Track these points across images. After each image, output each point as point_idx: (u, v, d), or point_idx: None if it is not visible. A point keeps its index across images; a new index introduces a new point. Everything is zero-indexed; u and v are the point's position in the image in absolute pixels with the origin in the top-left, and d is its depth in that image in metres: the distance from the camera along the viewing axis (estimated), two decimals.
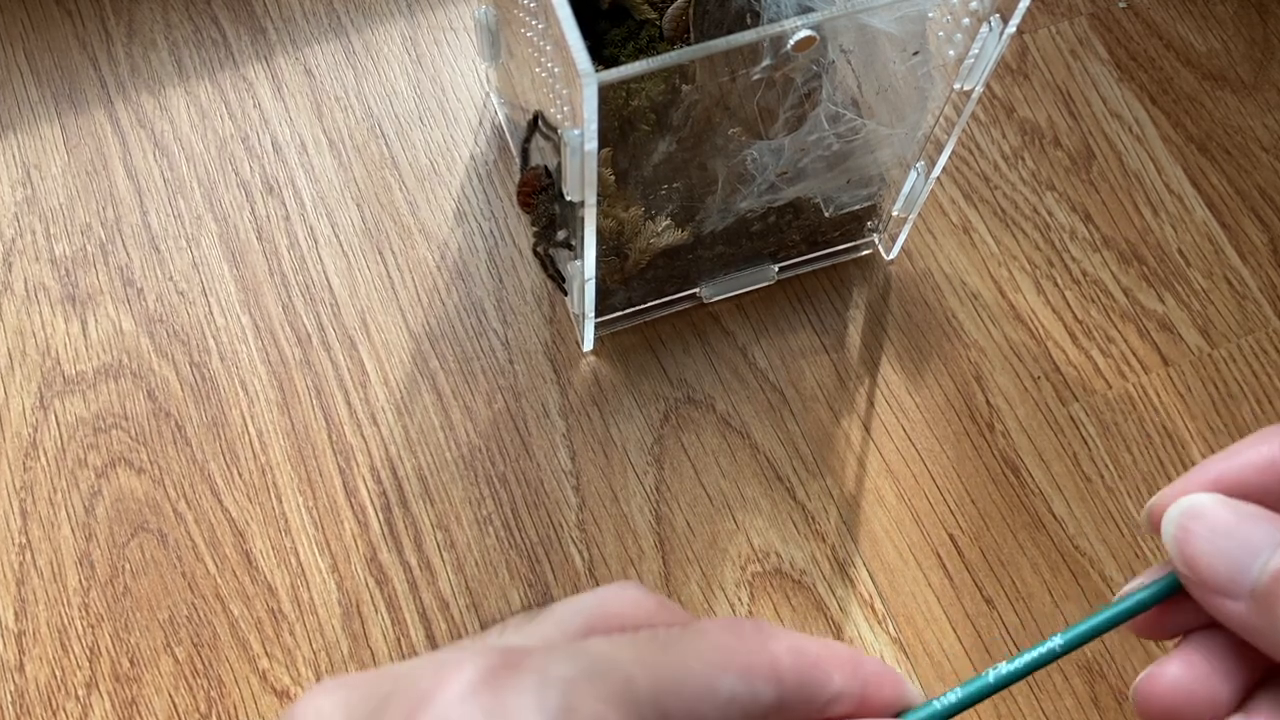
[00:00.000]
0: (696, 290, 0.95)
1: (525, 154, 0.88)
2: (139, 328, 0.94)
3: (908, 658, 0.87)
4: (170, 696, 0.84)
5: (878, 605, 0.88)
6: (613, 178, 0.78)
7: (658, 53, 0.70)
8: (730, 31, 0.70)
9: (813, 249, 0.96)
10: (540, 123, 0.85)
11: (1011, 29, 0.73)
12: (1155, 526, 0.38)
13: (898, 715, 0.36)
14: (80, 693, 0.84)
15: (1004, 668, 0.38)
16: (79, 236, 0.97)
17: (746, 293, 0.97)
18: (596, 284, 0.85)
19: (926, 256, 0.99)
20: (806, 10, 0.71)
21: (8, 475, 0.89)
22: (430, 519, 0.89)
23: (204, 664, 0.85)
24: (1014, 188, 1.02)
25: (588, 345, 0.94)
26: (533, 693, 0.29)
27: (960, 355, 0.96)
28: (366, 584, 0.87)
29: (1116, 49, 1.08)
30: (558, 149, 0.77)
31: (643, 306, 0.94)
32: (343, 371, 0.93)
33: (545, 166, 0.86)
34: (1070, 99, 1.06)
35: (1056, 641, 0.38)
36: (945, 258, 0.99)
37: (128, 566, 0.87)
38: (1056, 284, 0.99)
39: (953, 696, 0.37)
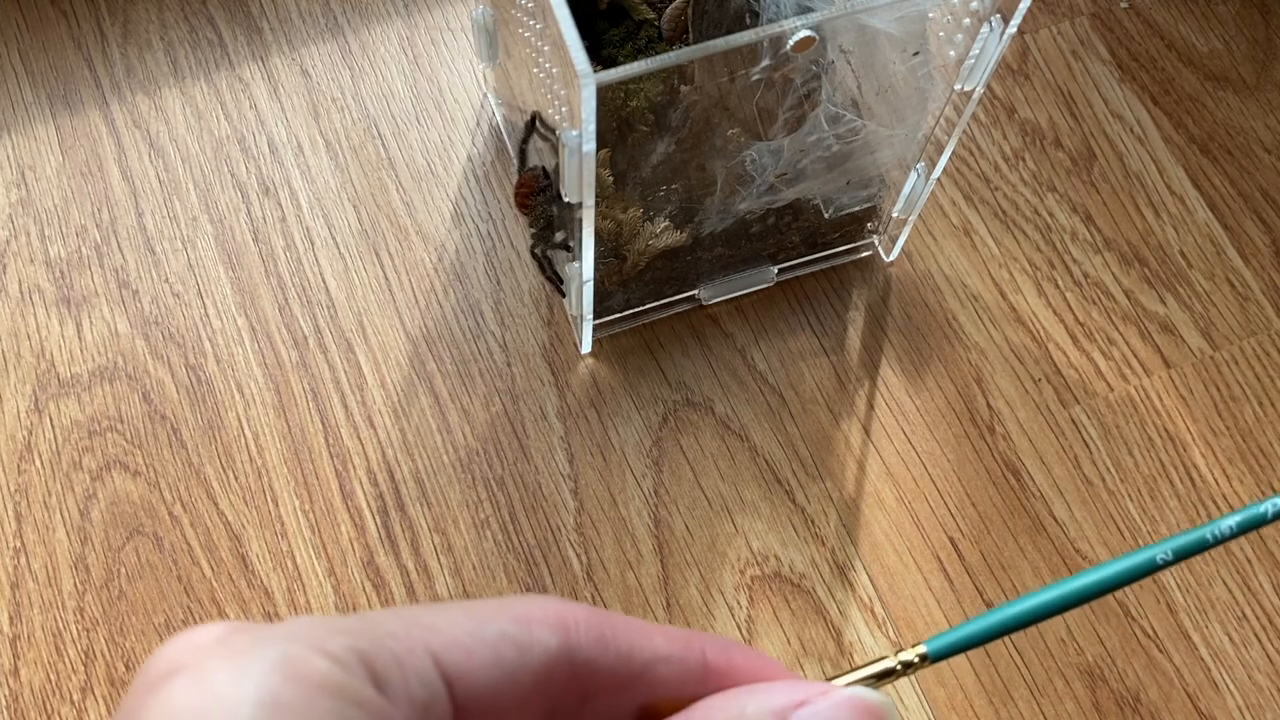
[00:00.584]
0: (695, 292, 0.95)
1: (523, 155, 0.88)
2: (134, 330, 0.94)
3: None
4: None
5: (878, 609, 0.88)
6: (611, 179, 0.78)
7: (656, 53, 0.70)
8: (729, 32, 0.70)
9: (812, 251, 0.96)
10: (538, 123, 0.85)
11: (1012, 29, 0.73)
12: None
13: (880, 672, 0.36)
14: (75, 697, 0.84)
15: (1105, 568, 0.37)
16: (74, 238, 0.97)
17: (746, 294, 0.97)
18: (595, 286, 0.85)
19: (927, 258, 0.99)
20: (806, 10, 0.71)
21: (2, 479, 0.89)
22: (427, 522, 0.89)
23: None
24: (1015, 189, 1.02)
25: (586, 347, 0.94)
26: (262, 644, 0.28)
27: (961, 357, 0.96)
28: (363, 587, 0.87)
29: (1118, 49, 1.08)
30: (555, 150, 0.77)
31: (641, 308, 0.94)
32: (339, 374, 0.93)
33: (543, 168, 0.86)
34: (1071, 100, 1.06)
35: (1162, 550, 0.37)
36: (946, 259, 0.99)
37: (123, 570, 0.87)
38: (1057, 286, 0.99)
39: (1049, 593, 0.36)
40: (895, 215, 0.93)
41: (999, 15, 0.73)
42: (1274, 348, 0.97)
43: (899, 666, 0.36)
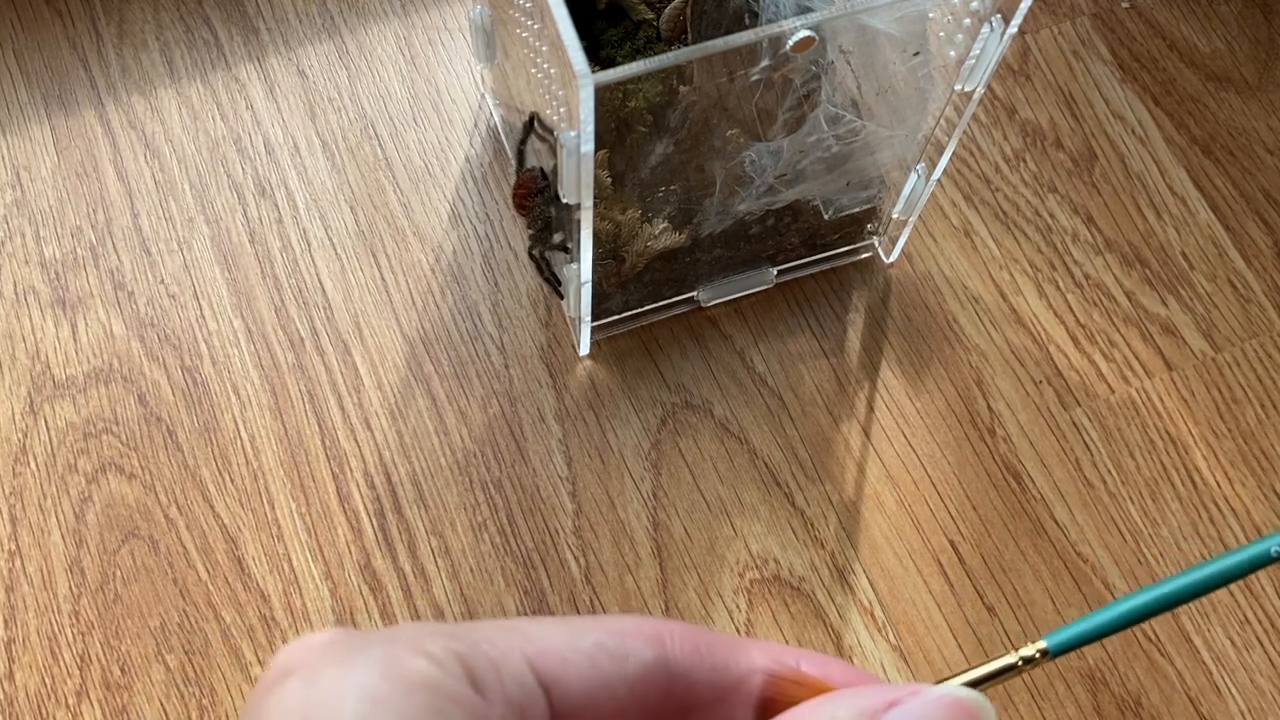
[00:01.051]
0: (694, 294, 0.95)
1: (521, 156, 0.88)
2: (130, 331, 0.94)
3: (908, 665, 0.87)
4: (161, 705, 0.84)
5: (877, 613, 0.88)
6: (609, 180, 0.78)
7: (655, 53, 0.70)
8: (728, 32, 0.70)
9: (812, 252, 0.96)
10: (536, 124, 0.85)
11: (1013, 29, 0.73)
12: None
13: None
14: (70, 701, 0.84)
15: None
16: (69, 239, 0.97)
17: (745, 296, 0.97)
18: (593, 287, 0.85)
19: (927, 259, 0.99)
20: (805, 10, 0.72)
21: None
22: (424, 525, 0.89)
23: (195, 672, 0.85)
24: (1015, 190, 1.02)
25: (584, 349, 0.94)
26: (366, 646, 0.30)
27: (961, 359, 0.96)
28: (360, 591, 0.87)
29: (1119, 50, 1.08)
30: (554, 151, 0.77)
31: (640, 310, 0.94)
32: (336, 376, 0.93)
33: (541, 169, 0.86)
34: (1072, 100, 1.06)
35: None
36: (946, 261, 0.99)
37: (118, 573, 0.87)
38: (1058, 287, 0.99)
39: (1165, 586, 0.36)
40: (895, 216, 0.93)
41: (999, 15, 0.73)
42: (1276, 350, 0.97)
43: (1019, 663, 0.36)
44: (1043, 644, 0.36)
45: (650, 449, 0.92)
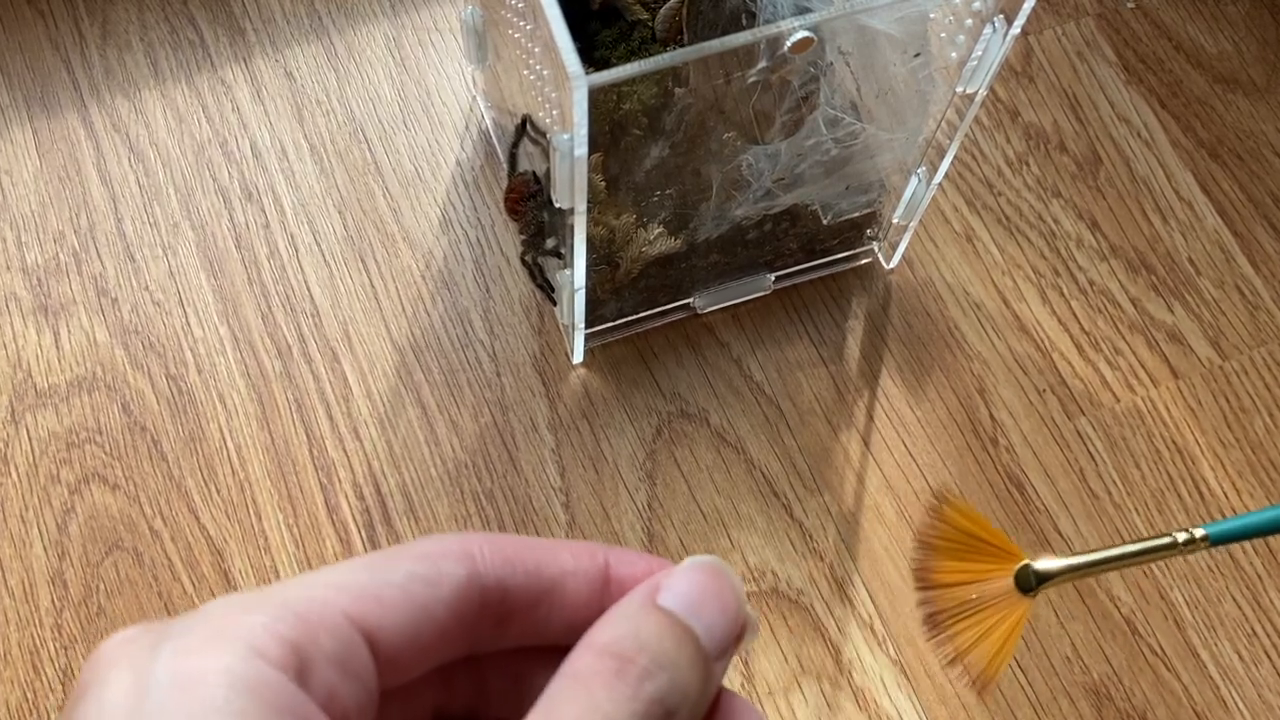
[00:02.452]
0: (690, 300, 0.95)
1: (513, 159, 0.88)
2: (113, 339, 0.94)
3: (909, 680, 0.87)
4: None
5: (878, 626, 0.89)
6: (603, 184, 0.78)
7: (650, 55, 0.70)
8: (725, 33, 0.70)
9: (810, 257, 0.96)
10: (528, 127, 0.85)
11: (1016, 30, 0.73)
12: None
13: None
14: (53, 717, 0.84)
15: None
16: (51, 244, 0.97)
17: (742, 303, 0.97)
18: (586, 294, 0.86)
19: (928, 265, 0.99)
20: (804, 10, 0.72)
21: None
22: (415, 537, 0.89)
23: None
24: (1018, 194, 1.02)
25: (577, 357, 0.94)
26: (210, 645, 0.30)
27: (963, 367, 0.96)
28: None
29: (1124, 51, 1.08)
30: (546, 154, 0.78)
31: (634, 317, 0.94)
32: (324, 384, 0.94)
33: (534, 172, 0.86)
34: (1077, 103, 1.06)
35: None
36: (947, 266, 0.99)
37: (102, 586, 0.87)
38: (1062, 294, 0.99)
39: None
40: (896, 221, 0.94)
41: (1002, 16, 0.73)
42: None
43: (1179, 541, 0.37)
44: (1202, 530, 0.37)
45: (645, 459, 0.93)
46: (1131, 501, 0.93)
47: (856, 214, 0.92)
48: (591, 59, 0.81)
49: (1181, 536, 0.37)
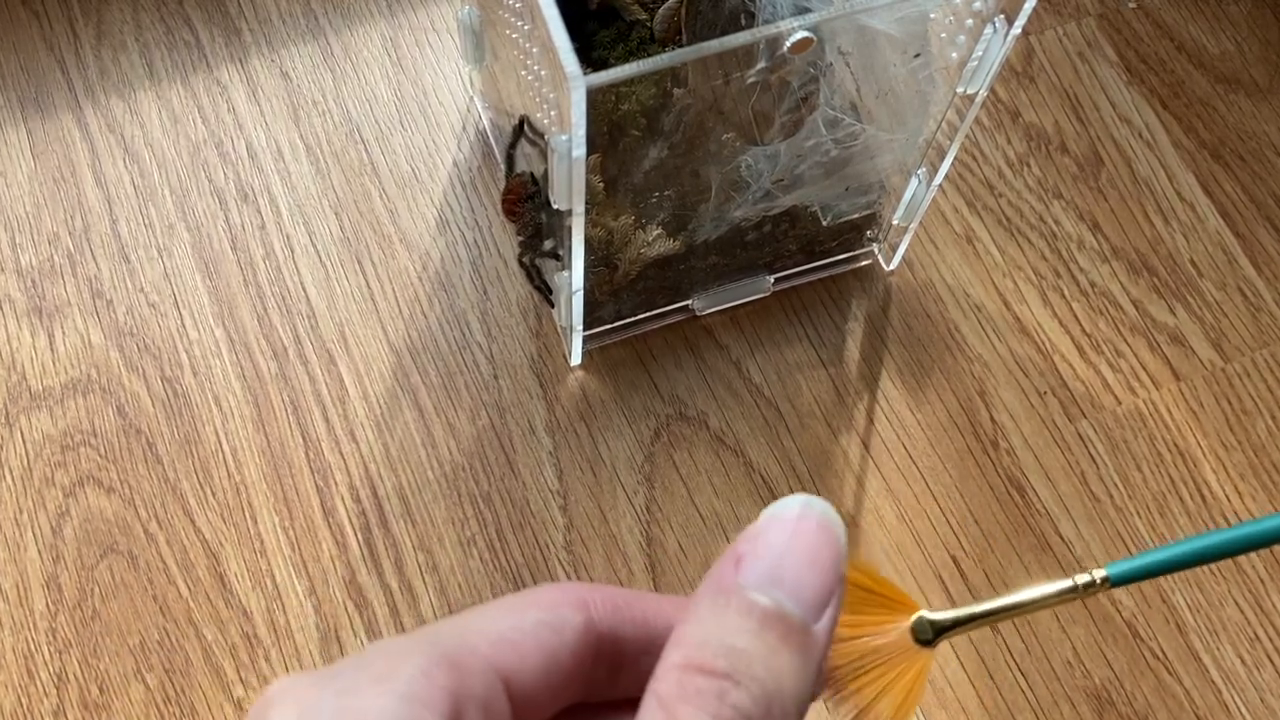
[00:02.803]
0: (689, 302, 0.95)
1: (510, 160, 0.88)
2: (108, 341, 0.94)
3: None
4: None
5: None
6: (601, 185, 0.78)
7: (649, 55, 0.70)
8: (724, 33, 0.71)
9: (810, 259, 0.96)
10: (526, 128, 0.85)
11: (1016, 30, 0.73)
12: None
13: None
14: None
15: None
16: (46, 246, 0.97)
17: (741, 305, 0.97)
18: (585, 296, 0.86)
19: (928, 267, 0.99)
20: (803, 10, 0.72)
21: None
22: (411, 540, 0.90)
23: (176, 691, 0.85)
24: (1019, 195, 1.02)
25: (575, 359, 0.94)
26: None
27: (963, 370, 0.96)
28: (345, 607, 0.88)
29: (1126, 51, 1.09)
30: (544, 155, 0.78)
31: (633, 319, 0.95)
32: (320, 386, 0.94)
33: (531, 173, 0.87)
34: (1078, 103, 1.06)
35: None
36: (948, 268, 0.99)
37: (97, 589, 0.87)
38: (1063, 295, 0.99)
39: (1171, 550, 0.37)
40: (896, 222, 0.94)
41: (1003, 16, 0.73)
42: None
43: (1079, 585, 0.36)
44: (1103, 572, 0.37)
45: (643, 462, 0.93)
46: (1133, 504, 0.93)
47: (856, 215, 0.93)
48: (589, 59, 0.81)
49: (1082, 580, 0.37)
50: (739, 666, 0.31)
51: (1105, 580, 0.37)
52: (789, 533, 0.33)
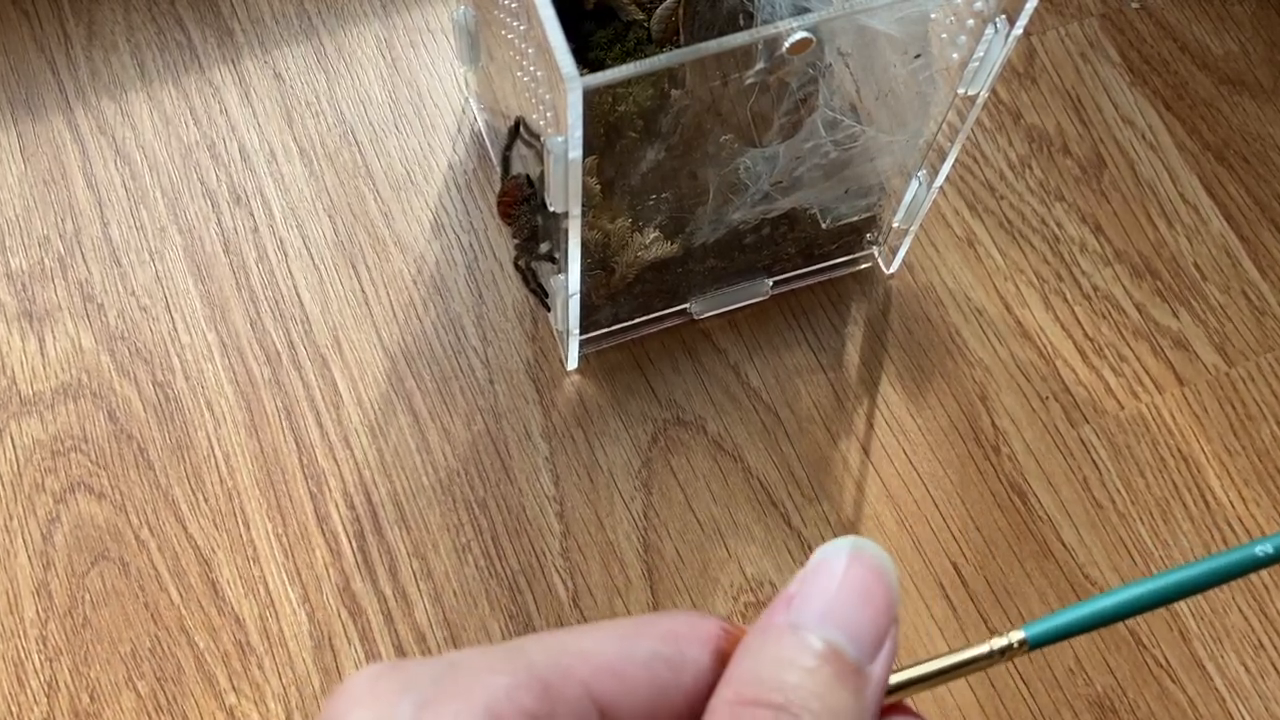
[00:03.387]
0: (686, 306, 0.95)
1: (506, 162, 0.88)
2: (99, 345, 0.94)
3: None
4: None
5: None
6: (598, 187, 0.78)
7: (646, 55, 0.70)
8: (722, 33, 0.71)
9: (809, 262, 0.96)
10: (522, 129, 0.85)
11: (1018, 31, 0.73)
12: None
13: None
14: None
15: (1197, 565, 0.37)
16: (36, 249, 0.97)
17: (739, 308, 0.97)
18: (581, 299, 0.86)
19: (929, 270, 1.00)
20: (802, 11, 0.72)
21: None
22: (406, 547, 0.90)
23: (168, 699, 0.85)
24: (1021, 198, 1.02)
25: (572, 364, 0.94)
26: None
27: (964, 374, 0.96)
28: (339, 615, 0.88)
29: (1129, 52, 1.09)
30: (540, 157, 0.78)
31: (630, 323, 0.95)
32: (314, 391, 0.94)
33: (527, 176, 0.87)
34: (1080, 105, 1.06)
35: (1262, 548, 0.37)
36: (949, 271, 1.00)
37: (87, 597, 0.87)
38: (1066, 299, 0.99)
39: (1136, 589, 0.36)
40: (896, 225, 0.94)
41: (1004, 16, 0.73)
42: None
43: (995, 649, 0.36)
44: (1021, 634, 0.36)
45: (641, 467, 0.93)
46: (1136, 511, 0.93)
47: (856, 218, 0.93)
48: (586, 60, 0.81)
49: (999, 644, 0.36)
50: (794, 700, 0.30)
51: (1024, 643, 0.36)
52: (841, 573, 0.33)
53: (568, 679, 0.31)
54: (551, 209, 0.74)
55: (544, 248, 0.88)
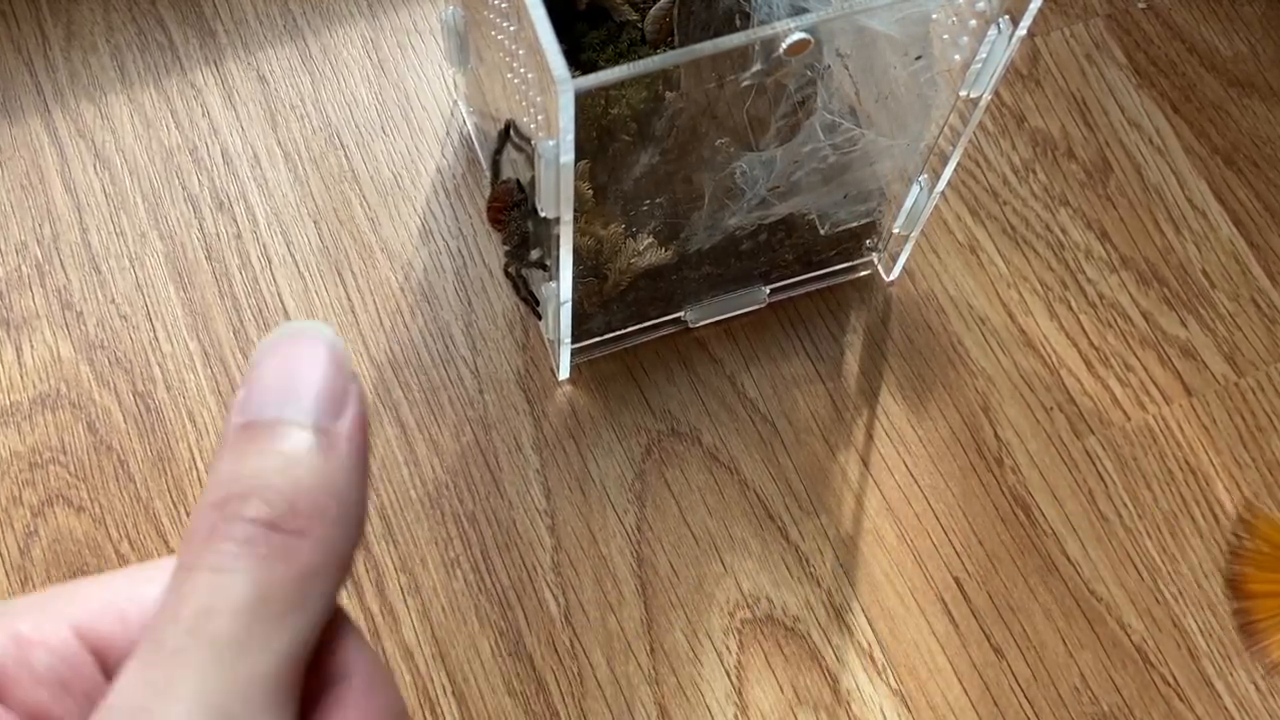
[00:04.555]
0: (681, 314, 0.95)
1: (496, 167, 0.88)
2: (78, 354, 0.94)
3: (910, 711, 0.87)
4: None
5: (877, 655, 0.89)
6: (590, 192, 0.78)
7: (639, 57, 0.70)
8: (718, 34, 0.71)
9: (807, 269, 0.96)
10: (512, 133, 0.85)
11: (1021, 31, 0.73)
12: None
13: None
14: None
15: None
16: (13, 256, 0.97)
17: (735, 317, 0.97)
18: (573, 307, 0.86)
19: (930, 277, 0.99)
20: (800, 11, 0.72)
21: None
22: (393, 561, 0.89)
23: None
24: (1025, 203, 1.02)
25: (563, 374, 0.94)
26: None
27: (967, 384, 0.96)
28: None
29: (1135, 53, 1.09)
30: (531, 161, 0.78)
31: (623, 331, 0.95)
32: None
33: (518, 180, 0.86)
34: (1085, 107, 1.06)
35: None
36: (950, 279, 0.99)
37: None
38: (1070, 307, 0.99)
39: None
40: (896, 231, 0.94)
41: (1007, 16, 0.73)
42: None
43: None
44: None
45: (634, 480, 0.93)
46: (1143, 524, 0.93)
47: (855, 224, 0.93)
48: (578, 61, 0.81)
49: None
50: (255, 486, 0.30)
51: None
52: (272, 354, 0.33)
53: (53, 627, 0.31)
54: (542, 214, 0.74)
55: (535, 254, 0.88)
